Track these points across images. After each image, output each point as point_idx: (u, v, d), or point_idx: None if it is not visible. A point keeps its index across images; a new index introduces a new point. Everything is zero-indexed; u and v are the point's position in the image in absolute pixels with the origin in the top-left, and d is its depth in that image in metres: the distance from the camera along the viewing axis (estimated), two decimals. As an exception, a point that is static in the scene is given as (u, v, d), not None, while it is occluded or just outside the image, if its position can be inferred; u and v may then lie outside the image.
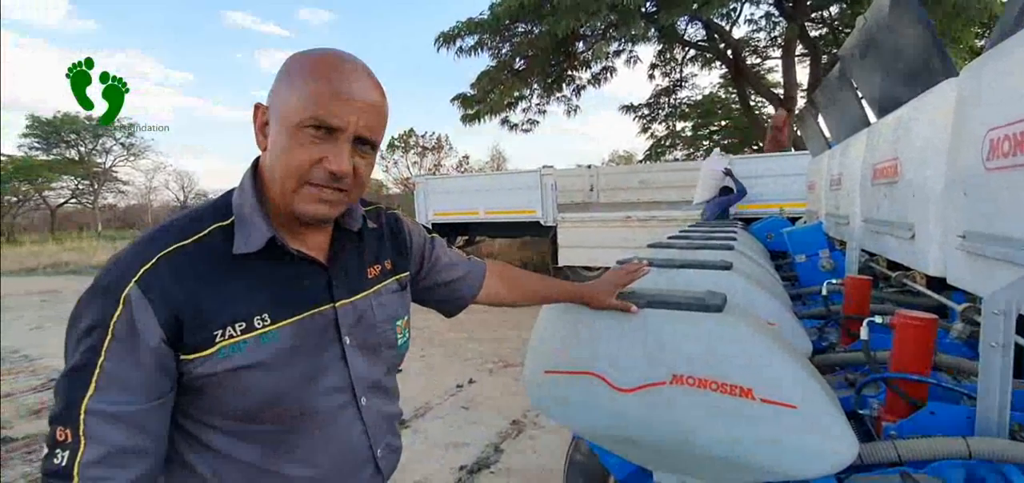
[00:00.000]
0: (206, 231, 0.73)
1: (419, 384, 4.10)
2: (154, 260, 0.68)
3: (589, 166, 11.04)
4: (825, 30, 12.47)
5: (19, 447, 3.33)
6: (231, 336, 0.70)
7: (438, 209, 9.01)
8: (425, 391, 3.99)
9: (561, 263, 7.90)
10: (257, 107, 0.76)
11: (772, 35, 13.61)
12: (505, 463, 2.90)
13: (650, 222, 7.15)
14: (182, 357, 0.68)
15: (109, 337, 0.64)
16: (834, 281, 2.36)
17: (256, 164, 0.78)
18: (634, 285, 1.28)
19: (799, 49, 12.36)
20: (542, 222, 7.99)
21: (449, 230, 9.35)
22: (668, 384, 1.14)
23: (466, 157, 26.49)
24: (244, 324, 0.71)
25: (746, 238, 3.33)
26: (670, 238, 2.81)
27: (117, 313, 0.65)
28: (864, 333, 1.56)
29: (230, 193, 0.78)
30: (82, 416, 0.63)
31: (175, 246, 0.70)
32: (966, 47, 9.15)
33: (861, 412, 1.53)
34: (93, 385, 0.64)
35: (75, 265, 15.09)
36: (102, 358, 0.64)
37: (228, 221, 0.75)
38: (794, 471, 1.05)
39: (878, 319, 1.56)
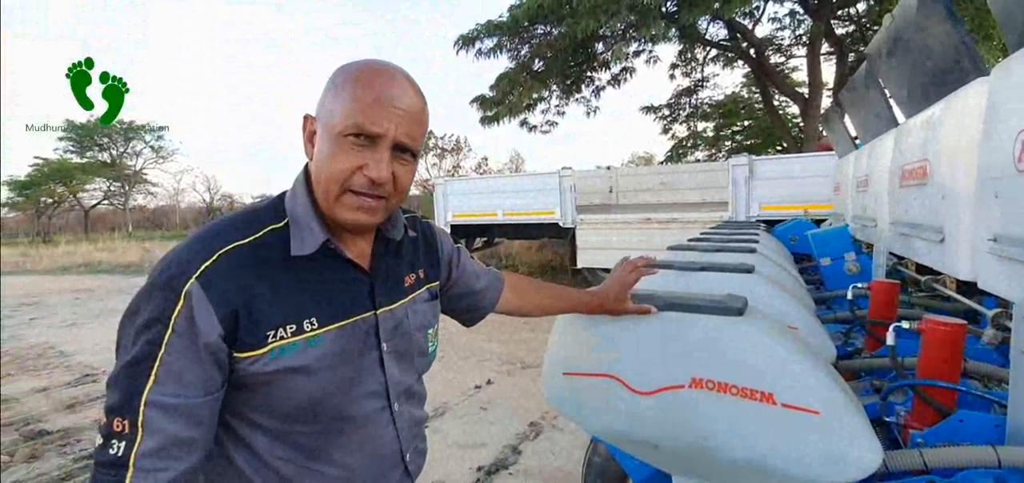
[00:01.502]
0: (262, 232, 0.74)
1: (438, 384, 4.14)
2: (215, 257, 0.69)
3: (608, 167, 11.00)
4: (851, 27, 12.20)
5: (55, 440, 3.45)
6: (282, 337, 0.72)
7: (457, 211, 9.06)
8: (444, 391, 4.03)
9: (580, 265, 7.87)
10: (306, 118, 0.78)
11: (796, 33, 13.36)
12: (523, 464, 2.91)
13: (671, 224, 7.08)
14: (235, 354, 0.70)
15: (169, 331, 0.65)
16: (860, 285, 2.31)
17: (308, 169, 0.80)
18: (652, 286, 1.28)
19: (824, 47, 12.10)
20: (561, 224, 7.97)
21: (468, 232, 9.40)
22: (687, 387, 1.13)
23: (485, 159, 26.59)
24: (295, 326, 0.73)
25: (769, 241, 3.28)
26: (691, 241, 2.79)
27: (178, 308, 0.65)
28: (891, 338, 1.53)
29: (282, 196, 0.80)
30: (142, 407, 0.64)
31: (234, 245, 0.71)
32: (999, 45, 8.85)
33: (887, 419, 1.50)
34: (152, 377, 0.64)
35: (107, 264, 15.59)
36: (162, 351, 0.65)
37: (281, 223, 0.76)
38: (816, 477, 1.03)
39: (905, 324, 1.52)
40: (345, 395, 0.79)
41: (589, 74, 12.44)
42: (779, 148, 15.92)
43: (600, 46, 11.38)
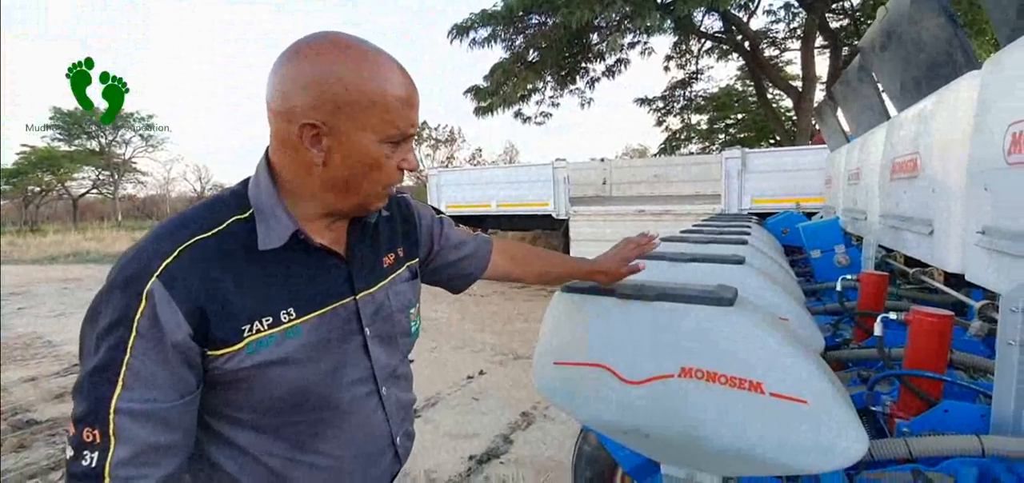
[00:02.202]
0: (225, 224, 0.71)
1: (430, 375, 4.14)
2: (176, 254, 0.65)
3: (602, 159, 10.99)
4: (846, 21, 12.23)
5: (43, 430, 3.43)
6: (258, 331, 0.69)
7: (451, 201, 9.04)
8: (436, 381, 4.03)
9: (573, 256, 7.89)
10: (304, 127, 0.69)
11: (791, 26, 13.39)
12: (514, 453, 2.92)
13: (664, 216, 7.10)
14: (209, 353, 0.67)
15: (133, 334, 0.62)
16: (849, 277, 2.33)
17: (268, 156, 0.76)
18: (643, 276, 1.28)
19: (818, 41, 12.14)
20: (554, 215, 7.97)
21: (461, 222, 9.32)
22: (677, 377, 1.13)
23: (479, 150, 26.52)
24: (271, 318, 0.70)
25: (760, 233, 3.30)
26: (683, 232, 2.80)
27: (140, 309, 0.62)
28: (878, 329, 1.54)
29: (244, 184, 0.76)
30: (111, 415, 0.61)
31: (196, 238, 0.68)
32: (991, 39, 8.92)
33: (873, 408, 1.52)
34: (120, 383, 0.62)
35: (96, 254, 15.43)
36: (127, 356, 0.62)
37: (246, 214, 0.73)
38: (804, 465, 1.04)
39: (893, 315, 1.54)
40: (330, 383, 0.77)
41: (583, 65, 12.42)
42: (772, 141, 15.99)
43: (595, 37, 11.35)
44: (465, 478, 2.69)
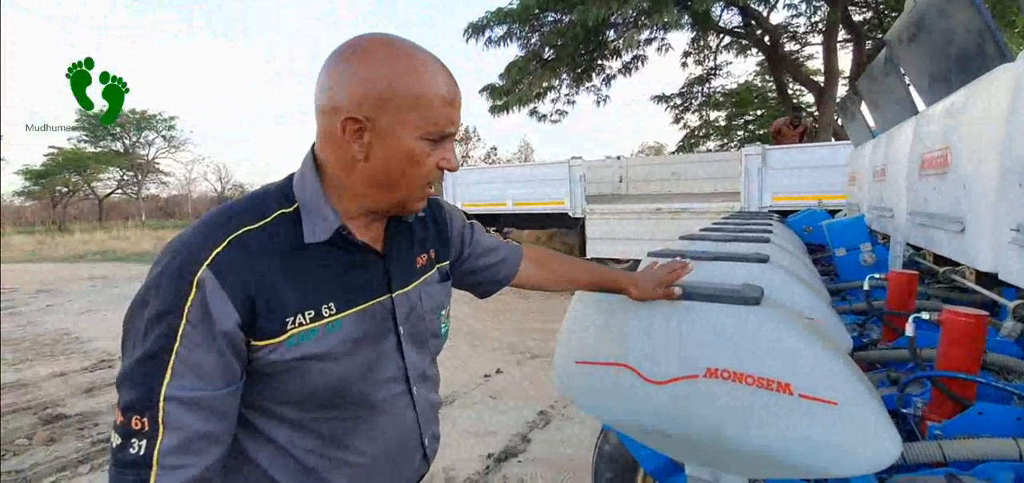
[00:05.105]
0: (271, 217, 0.72)
1: (447, 373, 4.15)
2: (225, 243, 0.67)
3: (618, 157, 10.93)
4: (869, 14, 11.96)
5: (73, 424, 3.52)
6: (301, 324, 0.70)
7: (466, 200, 9.05)
8: (453, 380, 4.05)
9: (589, 255, 7.85)
10: (346, 121, 0.70)
11: (812, 20, 13.13)
12: (532, 452, 2.92)
13: (682, 214, 7.02)
14: (253, 343, 0.68)
15: (183, 322, 0.63)
16: (877, 275, 2.28)
17: (313, 153, 0.77)
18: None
19: (841, 35, 11.89)
20: (570, 213, 7.94)
21: (477, 221, 9.38)
22: (702, 377, 1.12)
23: (494, 148, 26.55)
24: (313, 312, 0.71)
25: (783, 231, 3.25)
26: (703, 230, 2.76)
27: (191, 297, 0.63)
28: (910, 329, 1.50)
29: (289, 180, 0.78)
30: (161, 403, 0.61)
31: (244, 229, 0.69)
32: (1021, 32, 8.65)
33: (904, 411, 1.48)
34: (169, 372, 0.62)
35: (122, 252, 15.81)
36: (177, 344, 0.62)
37: (292, 208, 0.74)
38: (833, 468, 1.02)
39: (925, 315, 1.50)
40: (366, 380, 0.78)
41: (600, 62, 12.33)
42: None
43: (611, 34, 11.26)
44: (483, 477, 2.70)
